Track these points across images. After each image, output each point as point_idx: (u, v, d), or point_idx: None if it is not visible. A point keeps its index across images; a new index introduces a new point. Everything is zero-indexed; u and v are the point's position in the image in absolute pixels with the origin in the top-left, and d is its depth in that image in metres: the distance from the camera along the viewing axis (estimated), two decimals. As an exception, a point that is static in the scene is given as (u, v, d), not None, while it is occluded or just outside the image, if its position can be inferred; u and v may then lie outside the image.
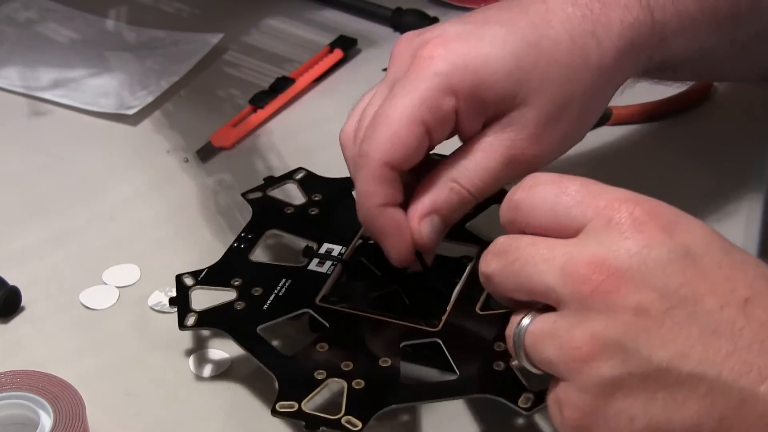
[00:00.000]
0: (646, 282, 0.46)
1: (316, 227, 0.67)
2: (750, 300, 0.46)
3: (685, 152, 0.78)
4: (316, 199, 0.69)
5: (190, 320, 0.60)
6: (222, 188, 0.77)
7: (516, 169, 0.59)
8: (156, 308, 0.67)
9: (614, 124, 0.81)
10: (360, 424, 0.54)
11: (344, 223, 0.66)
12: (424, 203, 0.59)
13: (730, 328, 0.45)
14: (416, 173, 0.60)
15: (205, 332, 0.65)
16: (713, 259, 0.47)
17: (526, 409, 0.53)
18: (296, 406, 0.55)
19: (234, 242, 0.66)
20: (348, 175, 0.63)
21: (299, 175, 0.71)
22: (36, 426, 0.56)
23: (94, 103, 0.86)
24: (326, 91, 0.88)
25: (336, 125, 0.83)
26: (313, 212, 0.68)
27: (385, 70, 0.89)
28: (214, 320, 0.61)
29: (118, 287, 0.69)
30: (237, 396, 0.62)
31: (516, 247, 0.50)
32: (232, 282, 0.62)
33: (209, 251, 0.71)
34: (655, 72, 0.66)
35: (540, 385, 0.53)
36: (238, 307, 0.61)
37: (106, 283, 0.69)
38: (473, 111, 0.59)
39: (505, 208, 0.52)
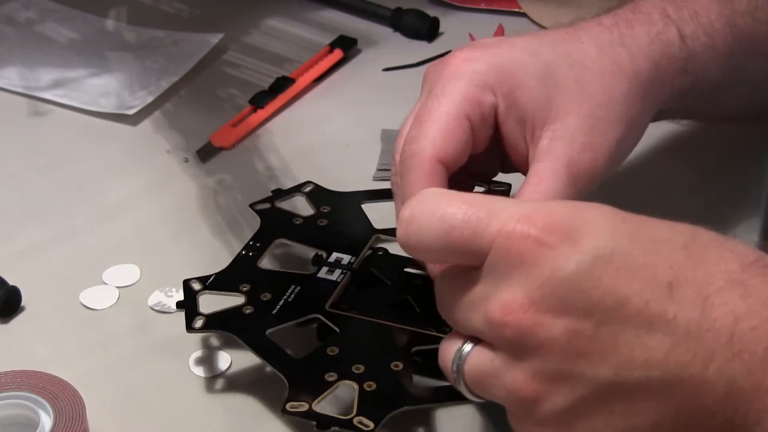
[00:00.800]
0: (566, 305, 0.45)
1: (325, 237, 0.66)
2: (673, 283, 0.45)
3: (685, 152, 0.78)
4: (325, 210, 0.68)
5: (198, 323, 0.60)
6: (222, 188, 0.77)
7: (581, 185, 0.58)
8: (156, 308, 0.67)
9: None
10: (372, 425, 0.54)
11: (353, 233, 0.66)
12: None
13: (663, 321, 0.44)
14: None
15: (207, 334, 0.65)
16: (624, 251, 0.45)
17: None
18: (307, 406, 0.55)
19: (242, 250, 0.66)
20: (352, 189, 0.63)
21: (308, 188, 0.71)
22: (36, 426, 0.56)
23: (94, 103, 0.86)
24: (326, 91, 0.88)
25: (336, 125, 0.84)
26: (321, 223, 0.68)
27: (385, 70, 0.90)
28: (222, 323, 0.60)
29: (118, 287, 0.69)
30: (237, 396, 0.62)
31: (445, 299, 0.50)
32: (240, 287, 0.62)
33: (209, 251, 0.72)
34: (694, 95, 0.66)
35: None
36: (247, 312, 0.61)
37: (106, 283, 0.69)
38: (512, 114, 0.59)
39: (399, 237, 0.50)
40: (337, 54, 0.90)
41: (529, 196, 0.57)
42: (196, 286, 0.62)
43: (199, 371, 0.63)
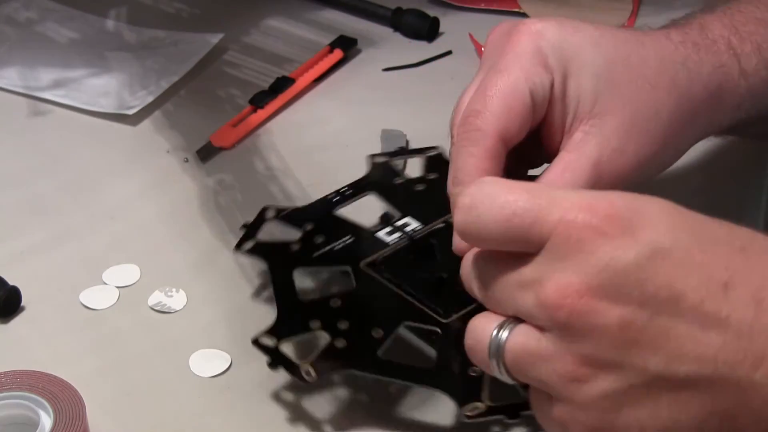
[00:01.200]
0: (622, 294, 0.45)
1: (410, 201, 0.67)
2: (728, 284, 0.45)
3: (685, 155, 0.78)
4: (431, 177, 0.69)
5: (248, 245, 0.62)
6: (222, 188, 0.77)
7: (602, 186, 0.58)
8: (156, 308, 0.67)
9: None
10: (315, 377, 0.56)
11: (438, 203, 0.65)
12: None
13: (716, 319, 0.45)
14: None
15: (208, 331, 0.65)
16: (682, 247, 0.46)
17: (468, 417, 0.54)
18: (274, 342, 0.57)
19: (330, 193, 0.67)
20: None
21: (432, 153, 0.71)
22: (36, 426, 0.56)
23: (94, 103, 0.86)
24: (326, 91, 0.88)
25: (336, 125, 0.84)
26: (418, 188, 0.68)
27: (385, 70, 0.90)
28: (264, 252, 0.63)
29: (118, 287, 0.69)
30: (237, 396, 0.62)
31: (488, 275, 0.49)
32: (304, 225, 0.63)
33: (209, 251, 0.72)
34: (743, 125, 0.65)
35: (495, 400, 0.55)
36: (293, 248, 0.62)
37: (106, 283, 0.69)
38: (560, 99, 0.59)
39: (457, 225, 0.50)
40: (337, 54, 0.90)
41: (549, 182, 0.57)
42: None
43: (199, 371, 0.63)
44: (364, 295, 0.62)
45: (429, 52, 0.91)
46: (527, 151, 0.61)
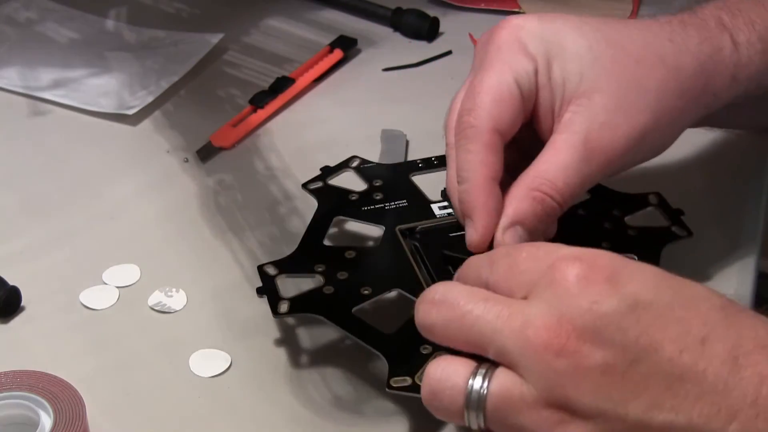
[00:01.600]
0: (605, 338, 0.46)
1: (384, 211, 0.67)
2: (706, 338, 0.46)
3: (685, 152, 0.78)
4: (377, 184, 0.69)
5: (283, 307, 0.60)
6: (222, 188, 0.77)
7: (595, 164, 0.58)
8: (156, 308, 0.67)
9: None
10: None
11: (411, 206, 0.67)
12: (507, 214, 0.58)
13: (693, 372, 0.45)
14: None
15: (208, 331, 0.65)
16: (663, 301, 0.47)
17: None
18: (410, 380, 0.55)
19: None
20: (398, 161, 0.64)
21: (354, 163, 0.71)
22: (36, 426, 0.56)
23: (94, 103, 0.86)
24: (326, 91, 0.88)
25: (336, 125, 0.84)
26: (377, 197, 0.68)
27: (385, 70, 0.90)
28: (308, 306, 0.60)
29: (118, 287, 0.69)
30: (237, 396, 0.62)
31: (464, 302, 0.49)
32: (315, 268, 0.63)
33: (209, 251, 0.72)
34: (746, 103, 0.65)
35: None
36: (328, 292, 0.61)
37: (106, 283, 0.69)
38: (546, 84, 0.59)
39: (470, 267, 0.52)
40: (337, 54, 0.90)
41: (544, 166, 0.58)
42: (272, 270, 0.62)
43: (199, 371, 0.63)
44: (379, 255, 0.63)
45: (429, 52, 0.91)
46: (527, 145, 0.61)
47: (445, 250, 0.63)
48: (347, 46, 0.91)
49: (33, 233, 0.74)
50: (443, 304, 0.50)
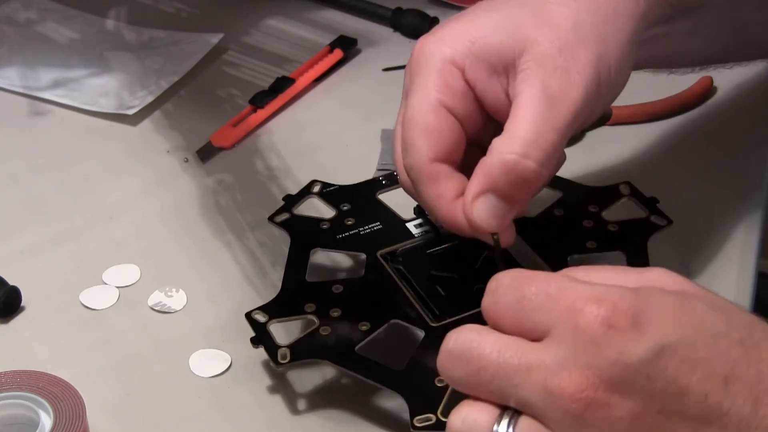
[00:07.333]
0: (634, 389, 0.45)
1: (361, 237, 0.66)
2: (729, 378, 0.45)
3: (685, 152, 0.78)
4: (345, 208, 0.68)
5: (284, 356, 0.58)
6: (222, 188, 0.77)
7: (561, 109, 0.56)
8: (156, 308, 0.67)
9: (614, 124, 0.81)
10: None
11: (387, 227, 0.66)
12: (477, 182, 0.55)
13: (718, 413, 0.45)
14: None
15: (208, 331, 0.65)
16: (687, 343, 0.45)
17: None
18: (434, 418, 0.54)
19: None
20: (358, 180, 0.63)
21: (316, 188, 0.69)
22: (36, 426, 0.56)
23: (94, 103, 0.86)
24: (326, 91, 0.88)
25: (336, 125, 0.84)
26: (349, 222, 0.67)
27: (385, 70, 0.90)
28: (309, 351, 0.58)
29: (118, 287, 0.69)
30: (237, 396, 0.62)
31: (480, 354, 0.47)
32: (305, 309, 0.61)
33: (209, 251, 0.72)
34: (682, 17, 0.63)
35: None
36: (324, 333, 0.59)
37: (106, 283, 0.69)
38: (481, 70, 0.58)
39: (483, 307, 0.49)
40: (337, 54, 0.90)
41: (512, 129, 0.55)
42: (261, 318, 0.60)
43: (199, 371, 0.63)
44: (367, 285, 0.62)
45: (429, 52, 0.91)
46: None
47: (432, 271, 0.63)
48: (347, 46, 0.91)
49: (33, 233, 0.74)
50: (460, 358, 0.48)
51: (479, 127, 0.59)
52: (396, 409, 0.60)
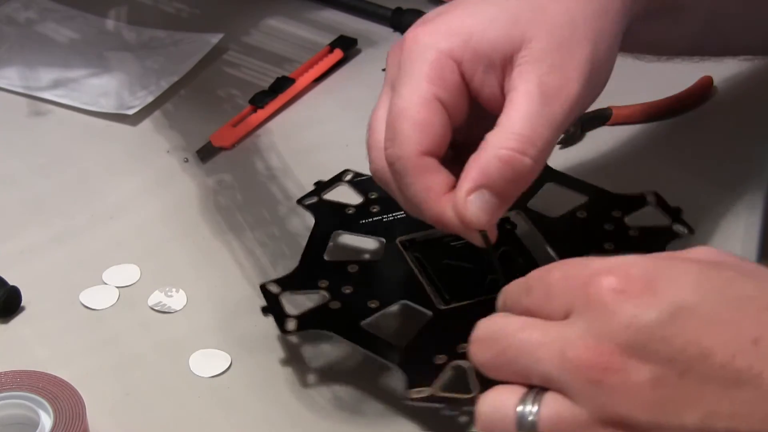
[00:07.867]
0: (650, 352, 0.44)
1: (383, 224, 0.67)
2: (759, 339, 0.44)
3: (685, 152, 0.78)
4: (373, 197, 0.69)
5: (291, 325, 0.59)
6: (222, 188, 0.77)
7: (556, 105, 0.56)
8: (156, 308, 0.67)
9: (614, 124, 0.81)
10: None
11: (409, 218, 0.65)
12: (470, 177, 0.55)
13: (749, 375, 0.43)
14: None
15: (208, 331, 0.65)
16: (709, 305, 0.45)
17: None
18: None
19: (305, 248, 0.66)
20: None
21: (348, 177, 0.71)
22: (36, 426, 0.56)
23: (94, 103, 0.86)
24: (326, 91, 0.88)
25: (336, 125, 0.84)
26: (374, 209, 0.68)
27: (385, 70, 0.90)
28: (315, 322, 0.60)
29: (118, 287, 0.69)
30: (237, 396, 0.62)
31: (504, 334, 0.47)
32: (318, 284, 0.62)
33: (209, 251, 0.72)
34: (662, 15, 0.63)
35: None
36: (334, 307, 0.61)
37: (106, 283, 0.69)
38: (477, 65, 0.57)
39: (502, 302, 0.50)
40: (337, 54, 0.90)
41: (508, 124, 0.55)
42: (274, 289, 0.62)
43: (199, 371, 0.63)
44: (382, 268, 0.63)
45: (429, 52, 0.91)
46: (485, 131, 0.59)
47: (447, 260, 0.63)
48: (347, 46, 0.91)
49: (33, 233, 0.74)
50: (486, 342, 0.48)
51: (464, 121, 0.59)
52: (407, 415, 0.60)
